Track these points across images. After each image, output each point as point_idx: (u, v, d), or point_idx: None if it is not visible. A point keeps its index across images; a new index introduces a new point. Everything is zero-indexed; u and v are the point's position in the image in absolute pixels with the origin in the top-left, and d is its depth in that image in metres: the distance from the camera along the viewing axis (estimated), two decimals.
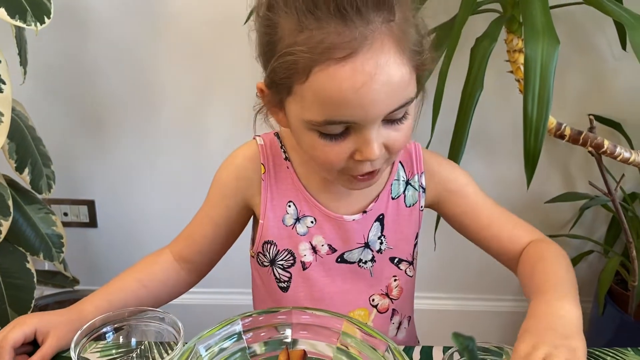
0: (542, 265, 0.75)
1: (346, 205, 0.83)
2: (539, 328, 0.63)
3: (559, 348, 0.59)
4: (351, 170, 0.70)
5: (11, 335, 0.70)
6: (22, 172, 1.29)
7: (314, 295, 0.85)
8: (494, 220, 0.84)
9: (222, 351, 0.63)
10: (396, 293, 0.88)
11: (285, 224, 0.83)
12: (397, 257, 0.86)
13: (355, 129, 0.65)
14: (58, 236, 1.39)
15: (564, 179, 1.70)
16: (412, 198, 0.85)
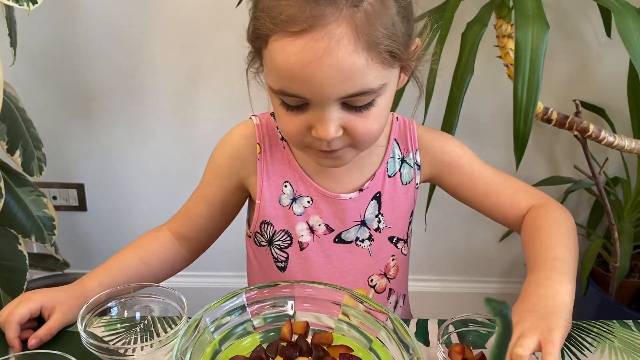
0: (538, 237, 0.75)
1: (342, 184, 0.84)
2: (520, 310, 0.64)
3: (534, 329, 0.60)
4: (311, 145, 0.71)
5: (17, 311, 0.71)
6: (14, 154, 1.28)
7: (312, 275, 0.86)
8: (492, 188, 0.84)
9: (227, 323, 0.65)
10: (393, 272, 0.89)
11: (282, 204, 0.84)
12: (396, 237, 0.87)
13: (312, 105, 0.66)
14: (50, 218, 1.39)
15: (549, 163, 1.74)
16: (408, 176, 0.86)
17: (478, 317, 0.73)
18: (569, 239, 0.74)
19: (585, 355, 0.73)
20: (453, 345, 0.69)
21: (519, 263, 1.92)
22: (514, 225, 0.84)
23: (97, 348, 0.65)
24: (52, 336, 0.72)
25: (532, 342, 0.58)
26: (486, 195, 0.84)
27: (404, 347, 0.59)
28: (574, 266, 0.70)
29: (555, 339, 0.58)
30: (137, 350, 0.67)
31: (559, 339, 0.59)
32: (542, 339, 0.58)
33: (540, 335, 0.59)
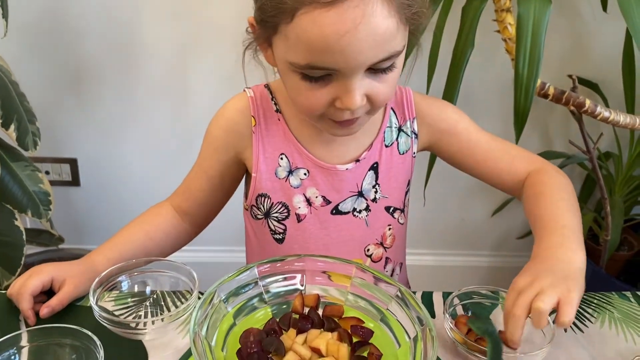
0: (543, 204, 0.75)
1: (339, 155, 0.83)
2: (539, 269, 0.65)
3: (553, 287, 0.60)
4: (331, 116, 0.70)
5: (29, 282, 0.71)
6: (8, 128, 1.26)
7: (309, 247, 0.86)
8: (490, 155, 0.84)
9: (240, 296, 0.66)
10: (390, 242, 0.90)
11: (278, 177, 0.84)
12: (392, 206, 0.88)
13: (337, 76, 0.65)
14: (45, 194, 1.38)
15: (543, 138, 1.75)
16: (405, 145, 0.85)
17: (481, 290, 0.75)
18: (573, 205, 0.74)
19: (586, 326, 0.75)
20: (459, 317, 0.71)
21: (509, 237, 1.95)
22: (513, 190, 0.85)
23: (109, 322, 0.65)
24: (64, 307, 0.73)
25: (552, 299, 0.59)
26: (484, 162, 0.84)
27: (415, 318, 0.61)
28: (581, 232, 0.70)
29: (574, 301, 0.59)
30: (148, 324, 0.67)
31: (577, 301, 0.59)
32: (561, 298, 0.59)
33: (560, 295, 0.59)
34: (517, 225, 1.92)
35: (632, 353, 0.69)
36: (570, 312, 0.58)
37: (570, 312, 0.58)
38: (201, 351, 0.54)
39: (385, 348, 0.62)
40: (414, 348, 0.59)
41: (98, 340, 0.59)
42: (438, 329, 0.72)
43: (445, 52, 1.22)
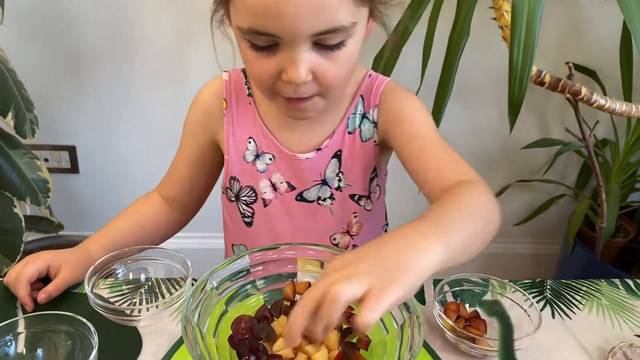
0: (443, 200, 0.62)
1: (301, 142, 0.83)
2: (371, 249, 0.51)
3: (370, 275, 0.47)
4: (280, 91, 0.69)
5: (26, 270, 0.72)
6: (6, 116, 1.27)
7: (275, 231, 0.87)
8: (425, 152, 0.75)
9: (233, 284, 0.67)
10: (356, 229, 0.89)
11: (246, 160, 0.85)
12: (357, 194, 0.87)
13: (282, 46, 0.64)
14: (44, 181, 1.39)
15: (540, 126, 1.75)
16: (368, 132, 0.83)
17: (472, 277, 0.76)
18: (475, 219, 0.60)
19: (574, 313, 0.76)
20: (448, 304, 0.72)
21: (507, 224, 1.96)
22: (432, 195, 0.71)
23: (104, 309, 0.67)
24: (60, 292, 0.74)
25: (356, 288, 0.46)
26: (417, 157, 0.75)
27: (403, 305, 0.61)
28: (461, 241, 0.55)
29: (387, 299, 0.45)
30: (143, 311, 0.68)
31: (392, 301, 0.46)
32: (371, 291, 0.46)
33: (373, 286, 0.46)
34: (515, 211, 1.93)
35: (618, 339, 0.70)
36: (372, 310, 0.44)
37: (372, 310, 0.44)
38: (192, 338, 0.55)
39: (374, 335, 0.63)
40: (401, 334, 0.60)
41: (92, 326, 0.60)
42: (428, 316, 0.74)
43: (440, 40, 1.22)
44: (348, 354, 0.60)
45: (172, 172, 0.92)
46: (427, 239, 0.52)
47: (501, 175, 1.84)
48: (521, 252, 2.00)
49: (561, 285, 0.82)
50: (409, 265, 0.49)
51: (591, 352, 0.69)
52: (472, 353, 0.66)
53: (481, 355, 0.66)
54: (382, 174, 0.88)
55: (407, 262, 0.49)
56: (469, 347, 0.66)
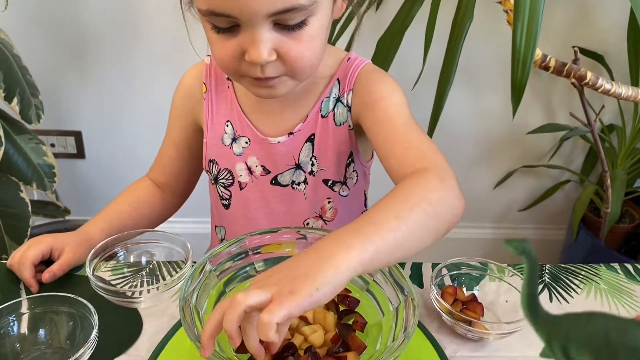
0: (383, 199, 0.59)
1: (275, 126, 0.83)
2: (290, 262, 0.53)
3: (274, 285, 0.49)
4: (246, 72, 0.68)
5: (29, 252, 0.74)
6: (11, 102, 1.28)
7: (250, 214, 0.88)
8: (391, 136, 0.72)
9: (231, 267, 0.67)
10: (330, 215, 0.89)
11: (224, 143, 0.86)
12: (331, 180, 0.86)
13: (243, 27, 0.63)
14: (49, 166, 1.40)
15: (545, 111, 1.74)
16: (342, 116, 0.81)
17: (470, 261, 0.76)
18: (410, 209, 0.57)
19: (571, 297, 0.76)
20: (446, 287, 0.73)
21: (511, 209, 1.96)
22: (396, 182, 0.68)
23: (105, 291, 0.68)
24: (64, 272, 0.75)
25: (257, 296, 0.48)
26: (384, 143, 0.73)
27: (399, 288, 0.62)
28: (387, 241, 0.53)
29: (284, 304, 0.46)
30: (144, 293, 0.70)
31: (289, 306, 0.46)
32: (273, 297, 0.47)
33: (275, 293, 0.48)
34: (520, 197, 1.93)
35: None
36: (270, 315, 0.45)
37: (270, 315, 0.45)
38: (190, 319, 0.56)
39: (370, 317, 0.64)
40: (396, 316, 0.60)
41: (92, 307, 0.61)
42: (425, 299, 0.74)
43: (443, 25, 1.21)
44: (344, 335, 0.61)
45: (160, 156, 0.94)
46: (347, 241, 0.52)
47: (506, 161, 1.84)
48: (525, 237, 2.00)
49: (560, 270, 0.82)
50: (321, 269, 0.49)
51: None
52: (469, 336, 0.67)
53: (477, 338, 0.67)
54: (361, 159, 0.86)
55: (321, 266, 0.49)
56: (465, 330, 0.66)
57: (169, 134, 0.92)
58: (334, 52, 0.83)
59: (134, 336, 0.66)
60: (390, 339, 0.59)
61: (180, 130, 0.90)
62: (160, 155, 0.94)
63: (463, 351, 0.66)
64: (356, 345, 0.59)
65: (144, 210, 0.91)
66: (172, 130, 0.91)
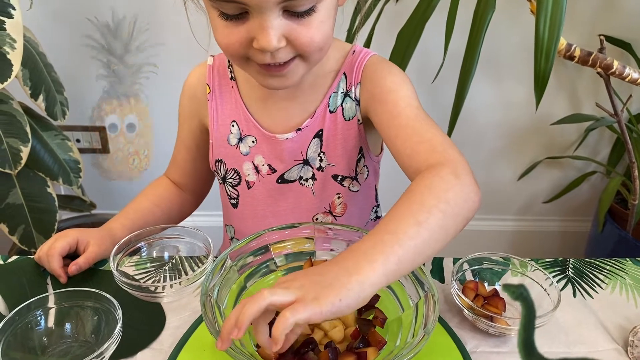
0: (400, 202, 0.59)
1: (282, 123, 0.82)
2: (316, 269, 0.53)
3: (299, 289, 0.50)
4: (255, 59, 0.67)
5: (57, 244, 0.75)
6: (37, 99, 1.31)
7: (258, 213, 0.88)
8: (402, 132, 0.71)
9: (251, 262, 0.68)
10: (340, 210, 0.88)
11: (230, 144, 0.85)
12: (341, 175, 0.85)
13: (252, 13, 0.63)
14: (75, 161, 1.43)
15: (571, 101, 1.71)
16: (350, 111, 0.80)
17: (492, 256, 0.75)
18: (429, 212, 0.56)
19: (596, 292, 0.75)
20: (467, 282, 0.72)
21: (536, 201, 1.93)
22: (410, 178, 0.68)
23: (129, 286, 0.69)
24: (90, 265, 0.77)
25: (283, 296, 0.49)
26: (395, 138, 0.72)
27: (419, 283, 0.62)
28: (409, 250, 0.54)
29: (306, 308, 0.47)
30: (166, 287, 0.71)
31: (310, 311, 0.47)
32: (295, 301, 0.48)
33: (297, 298, 0.49)
34: (544, 189, 1.90)
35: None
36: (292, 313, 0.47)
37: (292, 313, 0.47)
38: (211, 314, 0.57)
39: (390, 312, 0.64)
40: (416, 312, 0.60)
41: (117, 302, 0.62)
42: (446, 294, 0.74)
43: (465, 14, 1.19)
44: (364, 331, 0.61)
45: (174, 157, 0.95)
46: (369, 257, 0.52)
47: (530, 152, 1.81)
48: (550, 230, 1.97)
49: (584, 264, 0.81)
50: (344, 282, 0.50)
51: (612, 331, 0.68)
52: (490, 331, 0.66)
53: (499, 334, 0.66)
54: (370, 154, 0.86)
55: (336, 283, 0.50)
56: (487, 326, 0.66)
57: (180, 136, 0.92)
58: (338, 45, 0.82)
59: (157, 330, 0.67)
60: (410, 334, 0.59)
61: (188, 132, 0.90)
62: (174, 156, 0.95)
63: (484, 347, 0.66)
64: (376, 340, 0.59)
65: (165, 207, 0.92)
66: (182, 133, 0.91)
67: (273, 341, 0.47)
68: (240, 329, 0.48)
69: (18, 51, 1.14)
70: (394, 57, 1.26)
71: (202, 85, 0.86)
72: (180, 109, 0.91)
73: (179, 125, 0.92)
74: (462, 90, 1.22)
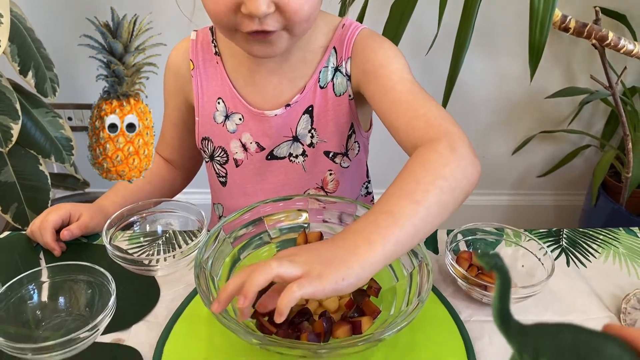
0: (396, 182, 0.58)
1: (270, 99, 0.80)
2: (316, 245, 0.55)
3: (303, 264, 0.49)
4: (241, 26, 0.66)
5: (50, 217, 0.75)
6: (26, 75, 1.29)
7: (247, 190, 0.87)
8: (396, 106, 0.69)
9: (245, 234, 0.68)
10: (332, 187, 0.87)
11: (217, 121, 0.84)
12: (332, 151, 0.84)
13: None
14: (67, 139, 1.41)
15: (565, 74, 1.70)
16: (341, 86, 0.79)
17: (486, 226, 0.75)
18: (425, 190, 0.56)
19: (589, 261, 0.75)
20: (461, 253, 0.72)
21: (530, 175, 1.93)
22: (407, 153, 0.67)
23: (122, 259, 0.69)
24: (82, 233, 0.77)
25: (288, 269, 0.48)
26: (389, 113, 0.70)
27: (413, 254, 0.62)
28: (406, 229, 0.53)
29: (312, 284, 0.47)
30: (160, 261, 0.70)
31: (314, 287, 0.47)
32: (301, 276, 0.48)
33: (303, 273, 0.48)
34: (538, 163, 1.90)
35: (634, 286, 0.70)
36: (299, 287, 0.46)
37: (299, 287, 0.46)
38: (205, 286, 0.57)
39: (384, 282, 0.64)
40: (410, 281, 0.60)
41: (110, 275, 0.62)
42: (440, 265, 0.74)
43: None
44: (358, 301, 0.61)
45: (163, 133, 0.94)
46: (368, 236, 0.52)
47: (524, 127, 1.81)
48: (544, 204, 1.98)
49: (578, 234, 0.81)
50: (345, 259, 0.49)
51: (605, 298, 0.68)
52: (484, 300, 0.67)
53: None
54: (361, 129, 0.85)
55: (336, 262, 0.49)
56: (481, 295, 0.66)
57: (166, 113, 0.91)
58: (328, 18, 0.80)
59: (151, 303, 0.67)
60: (404, 304, 0.59)
61: (174, 109, 0.89)
62: (162, 133, 0.93)
63: (478, 316, 0.66)
64: (370, 310, 0.60)
65: (157, 182, 0.92)
66: (168, 109, 0.90)
67: (278, 313, 0.46)
68: (247, 297, 0.47)
69: (5, 26, 1.12)
70: (388, 29, 1.24)
71: (185, 61, 0.84)
72: (165, 87, 0.89)
73: (165, 103, 0.90)
74: (456, 64, 1.21)
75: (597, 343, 0.33)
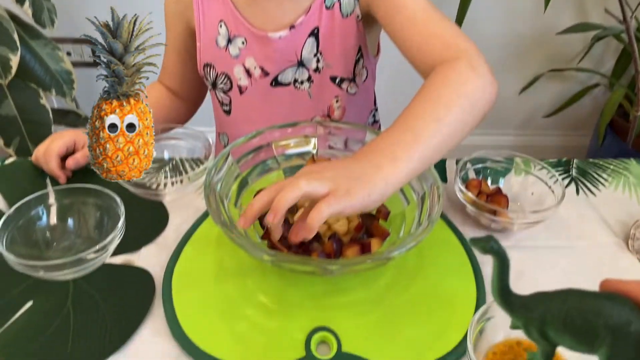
0: (416, 100, 0.58)
1: (273, 19, 0.77)
2: (341, 161, 0.54)
3: (332, 180, 0.49)
4: None
5: (54, 145, 0.74)
6: (23, 5, 1.25)
7: (252, 119, 0.86)
8: (408, 24, 0.67)
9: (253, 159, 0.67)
10: (338, 113, 0.85)
11: (219, 46, 0.81)
12: (339, 77, 0.81)
13: None
14: (67, 72, 1.39)
15: (578, 9, 1.65)
16: (348, 6, 0.75)
17: (495, 156, 0.75)
18: (447, 107, 0.56)
19: (599, 190, 0.75)
20: (470, 180, 0.72)
21: (536, 115, 1.91)
22: (422, 74, 0.65)
23: (130, 183, 0.68)
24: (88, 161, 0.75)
25: (317, 186, 0.48)
26: (401, 31, 0.67)
27: (423, 178, 0.61)
28: (428, 148, 0.54)
29: (338, 204, 0.47)
30: (168, 185, 0.70)
31: (343, 207, 0.47)
32: (329, 193, 0.48)
33: (331, 190, 0.48)
34: (545, 103, 1.88)
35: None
36: (328, 206, 0.46)
37: (328, 206, 0.46)
38: (215, 206, 0.56)
39: (394, 206, 0.63)
40: (421, 205, 0.60)
41: (119, 198, 0.62)
42: (449, 193, 0.74)
43: None
44: (367, 224, 0.61)
45: (165, 62, 0.91)
46: (391, 154, 0.52)
47: (533, 64, 1.77)
48: (549, 144, 1.97)
49: (588, 164, 0.80)
50: (371, 177, 0.50)
51: (613, 225, 0.68)
52: (493, 226, 0.67)
53: (501, 228, 0.67)
54: (369, 54, 0.82)
55: (370, 174, 0.50)
56: (489, 220, 0.66)
57: (169, 41, 0.88)
58: None
59: (160, 227, 0.67)
60: (414, 227, 0.59)
61: (176, 36, 0.86)
62: (164, 62, 0.91)
63: None
64: (380, 232, 0.60)
65: (160, 111, 0.90)
66: (170, 37, 0.88)
67: (308, 229, 0.47)
68: (277, 214, 0.47)
69: None
70: None
71: None
72: (166, 14, 0.86)
73: (166, 29, 0.87)
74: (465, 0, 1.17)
75: (601, 305, 0.33)
